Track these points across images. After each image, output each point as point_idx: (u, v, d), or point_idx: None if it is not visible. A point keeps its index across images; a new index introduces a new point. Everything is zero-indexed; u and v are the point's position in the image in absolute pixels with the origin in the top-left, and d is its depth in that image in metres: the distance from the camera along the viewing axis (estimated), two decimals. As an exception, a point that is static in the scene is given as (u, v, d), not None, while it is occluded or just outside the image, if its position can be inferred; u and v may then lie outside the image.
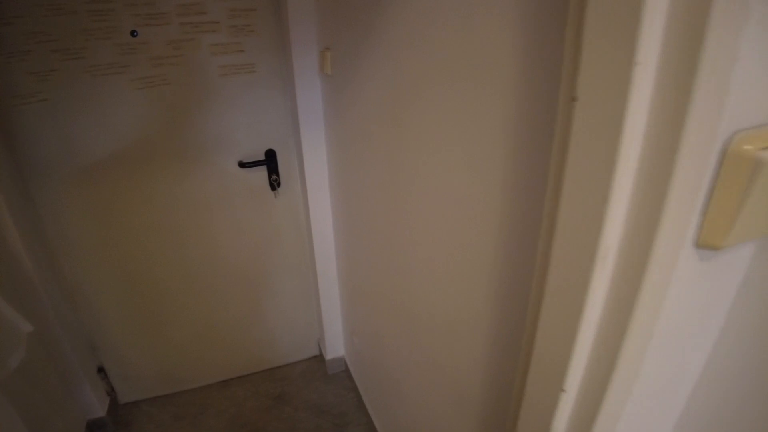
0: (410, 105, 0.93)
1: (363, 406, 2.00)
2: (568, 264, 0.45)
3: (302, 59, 1.58)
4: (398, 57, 0.95)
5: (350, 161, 1.48)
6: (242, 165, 1.78)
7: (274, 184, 1.85)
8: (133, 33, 1.54)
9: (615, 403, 0.47)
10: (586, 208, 0.41)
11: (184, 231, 1.86)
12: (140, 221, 1.79)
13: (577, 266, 0.43)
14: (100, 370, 2.00)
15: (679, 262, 0.40)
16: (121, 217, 1.76)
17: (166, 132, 1.70)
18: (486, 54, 0.63)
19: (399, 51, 0.94)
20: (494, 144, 0.66)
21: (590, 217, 0.40)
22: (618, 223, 0.40)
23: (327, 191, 1.82)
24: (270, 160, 1.81)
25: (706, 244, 0.39)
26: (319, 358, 2.32)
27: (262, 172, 1.85)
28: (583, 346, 0.46)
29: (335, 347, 2.19)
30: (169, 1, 1.55)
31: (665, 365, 0.47)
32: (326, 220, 1.88)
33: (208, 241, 1.91)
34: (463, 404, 0.96)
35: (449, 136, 0.78)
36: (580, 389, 0.49)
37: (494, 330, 0.76)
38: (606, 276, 0.42)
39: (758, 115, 0.36)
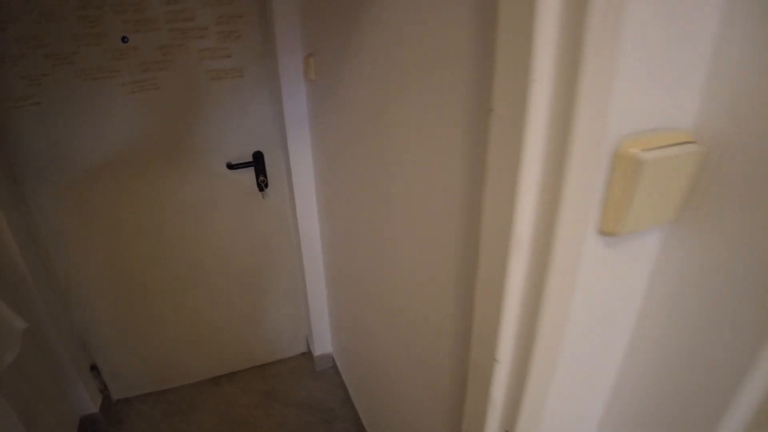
0: (382, 109, 0.99)
1: (350, 402, 2.05)
2: (492, 252, 0.51)
3: (287, 64, 1.63)
4: (372, 65, 1.00)
5: (333, 162, 1.53)
6: (230, 166, 1.83)
7: (262, 185, 1.90)
8: (123, 39, 1.59)
9: (542, 373, 0.53)
10: (502, 203, 0.47)
11: (174, 231, 1.91)
12: (130, 222, 1.84)
13: (499, 254, 0.49)
14: (93, 367, 2.04)
15: (585, 247, 0.46)
16: (111, 217, 1.81)
17: (156, 135, 1.75)
18: (438, 70, 0.69)
19: (372, 59, 1.00)
20: (449, 149, 0.71)
21: (505, 211, 0.47)
22: (528, 215, 0.46)
23: (313, 191, 1.87)
24: (257, 162, 1.86)
25: (607, 231, 0.46)
26: (308, 355, 2.37)
27: (250, 173, 1.90)
28: (509, 321, 0.52)
29: (323, 344, 2.24)
30: (158, 8, 1.59)
31: (588, 339, 0.53)
32: (312, 219, 1.93)
33: (197, 241, 1.96)
34: (436, 393, 1.01)
35: (414, 139, 0.84)
36: (511, 360, 0.56)
37: (457, 319, 0.81)
38: (523, 261, 0.48)
39: (645, 121, 0.42)
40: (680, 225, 0.49)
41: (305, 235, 1.96)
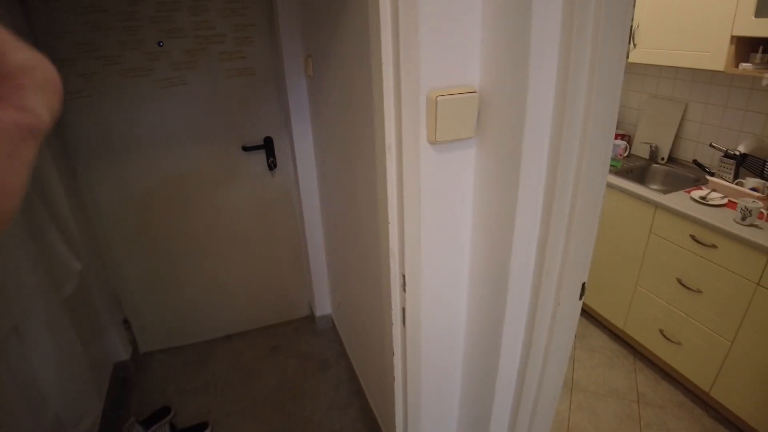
0: (346, 100, 1.37)
1: (345, 354, 2.39)
2: (379, 159, 0.89)
3: (291, 64, 2.00)
4: (341, 66, 1.38)
5: (325, 145, 1.90)
6: (245, 149, 2.20)
7: (271, 165, 2.27)
8: (159, 43, 1.96)
9: (412, 229, 0.91)
10: (380, 131, 0.85)
11: (196, 204, 2.27)
12: (159, 195, 2.20)
13: (381, 158, 0.87)
14: (125, 321, 2.40)
15: (421, 150, 0.83)
16: (143, 191, 2.17)
17: (182, 122, 2.12)
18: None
19: (341, 62, 1.37)
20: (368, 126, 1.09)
21: (380, 129, 0.84)
22: (391, 129, 0.85)
23: (314, 171, 2.24)
24: (268, 145, 2.23)
25: (430, 140, 0.83)
26: (311, 318, 2.72)
27: (261, 155, 2.27)
28: (391, 195, 0.90)
29: (323, 305, 2.59)
30: (186, 19, 1.97)
31: (439, 212, 0.91)
32: (314, 194, 2.29)
33: (216, 213, 2.32)
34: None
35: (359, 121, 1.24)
36: (396, 222, 0.94)
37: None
38: (392, 160, 0.86)
39: (445, 80, 0.80)
40: (477, 139, 0.88)
41: (307, 209, 2.32)
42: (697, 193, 2.09)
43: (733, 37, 1.90)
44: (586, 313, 2.70)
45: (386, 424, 1.82)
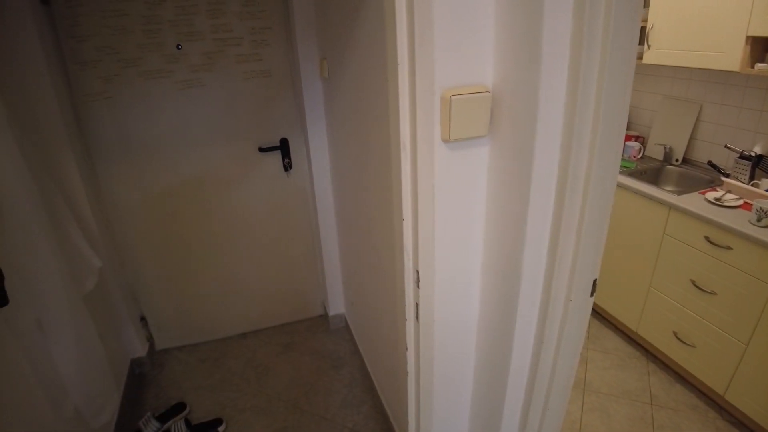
0: (358, 102, 1.40)
1: (358, 352, 2.42)
2: (394, 156, 0.91)
3: (306, 66, 2.03)
4: (355, 68, 1.41)
5: (340, 145, 1.92)
6: (261, 150, 2.24)
7: (287, 166, 2.30)
8: (178, 46, 2.01)
9: (427, 229, 0.93)
10: (395, 129, 0.88)
11: (213, 203, 2.32)
12: (176, 194, 2.25)
13: (396, 155, 0.89)
14: (142, 318, 2.45)
15: (435, 148, 0.85)
16: (160, 190, 2.22)
17: (200, 123, 2.16)
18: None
19: (355, 65, 1.40)
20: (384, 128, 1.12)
21: (394, 128, 0.86)
22: (406, 128, 0.87)
23: (328, 172, 2.27)
24: (284, 146, 2.26)
25: (444, 138, 0.85)
26: (324, 317, 2.75)
27: (277, 155, 2.30)
28: (406, 191, 0.93)
29: (336, 305, 2.62)
30: (204, 22, 2.01)
31: (453, 208, 0.93)
32: (327, 194, 2.32)
33: (232, 212, 2.36)
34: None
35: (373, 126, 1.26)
36: (411, 219, 0.96)
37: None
38: (407, 158, 0.88)
39: (458, 80, 0.83)
40: (491, 137, 0.90)
41: (322, 209, 2.35)
42: (711, 195, 2.08)
43: (748, 37, 1.89)
44: (599, 315, 2.70)
45: (398, 422, 1.84)
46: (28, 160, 1.52)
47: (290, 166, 2.32)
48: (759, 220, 1.81)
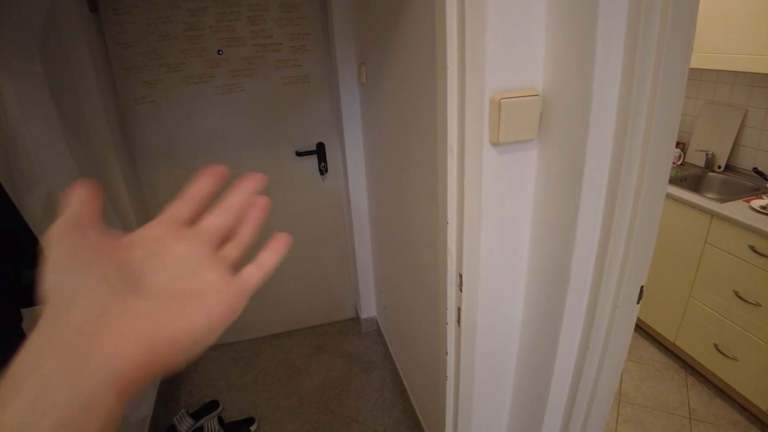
0: (401, 108, 1.40)
1: (389, 356, 2.42)
2: (441, 158, 0.92)
3: (344, 71, 2.06)
4: (397, 73, 1.41)
5: (377, 150, 1.94)
6: (298, 154, 2.28)
7: (323, 170, 2.33)
8: (219, 51, 2.05)
9: (472, 229, 0.93)
10: (442, 134, 0.88)
11: (249, 206, 2.35)
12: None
13: (442, 158, 0.90)
14: (179, 317, 2.50)
15: (484, 151, 0.85)
16: (202, 193, 2.26)
17: (240, 127, 2.21)
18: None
19: (398, 69, 1.41)
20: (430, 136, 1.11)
21: (442, 131, 0.87)
22: (454, 131, 0.87)
23: (363, 176, 2.28)
24: (320, 151, 2.29)
25: (492, 142, 0.85)
26: (356, 319, 2.76)
27: (313, 160, 2.33)
28: (451, 194, 0.93)
29: (368, 308, 2.63)
30: (244, 28, 2.06)
31: (500, 211, 0.92)
32: (362, 199, 2.34)
33: (268, 215, 2.39)
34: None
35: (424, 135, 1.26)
36: (455, 222, 0.96)
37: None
38: (453, 161, 0.88)
39: (508, 83, 0.82)
40: (539, 140, 0.89)
41: (356, 213, 2.37)
42: (757, 203, 2.02)
43: (797, 41, 1.84)
44: (635, 325, 2.63)
45: (430, 427, 1.83)
46: (76, 158, 1.58)
47: (326, 170, 2.34)
48: (809, 229, 1.75)
